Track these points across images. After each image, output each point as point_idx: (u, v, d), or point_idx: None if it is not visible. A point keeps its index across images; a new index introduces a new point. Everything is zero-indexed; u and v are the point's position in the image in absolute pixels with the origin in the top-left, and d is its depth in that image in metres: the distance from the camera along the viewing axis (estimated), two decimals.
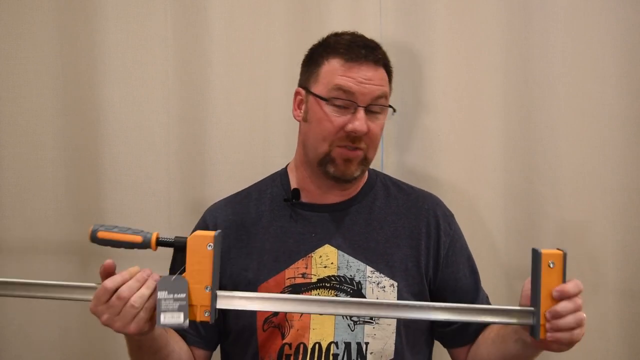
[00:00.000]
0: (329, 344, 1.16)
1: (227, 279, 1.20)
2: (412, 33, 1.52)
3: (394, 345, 1.17)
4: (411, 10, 1.52)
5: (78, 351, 1.54)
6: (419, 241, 1.23)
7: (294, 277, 1.19)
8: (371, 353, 1.16)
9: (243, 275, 1.20)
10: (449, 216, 1.29)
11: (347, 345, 1.16)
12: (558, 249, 0.98)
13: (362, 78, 1.16)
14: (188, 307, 0.95)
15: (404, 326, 1.18)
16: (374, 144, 1.20)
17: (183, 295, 0.95)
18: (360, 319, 1.17)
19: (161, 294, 0.94)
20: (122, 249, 0.99)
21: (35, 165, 1.50)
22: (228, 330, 1.23)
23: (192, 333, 1.21)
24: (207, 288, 0.95)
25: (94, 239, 0.97)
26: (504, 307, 1.00)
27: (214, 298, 0.96)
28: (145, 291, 0.95)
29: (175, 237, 0.98)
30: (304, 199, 1.24)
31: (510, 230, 1.55)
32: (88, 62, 1.48)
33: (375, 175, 1.30)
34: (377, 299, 1.18)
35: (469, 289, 1.25)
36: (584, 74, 1.51)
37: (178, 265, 0.97)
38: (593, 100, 1.52)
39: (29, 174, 1.50)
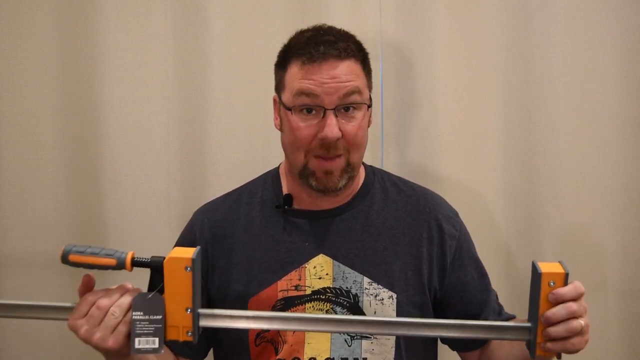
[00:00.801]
0: None
1: (215, 290, 1.16)
2: (412, 33, 1.52)
3: None
4: (411, 10, 1.52)
5: (78, 351, 1.54)
6: (419, 248, 1.16)
7: (287, 290, 1.12)
8: None
9: (232, 288, 1.14)
10: (452, 217, 1.21)
11: None
12: (559, 262, 0.92)
13: (324, 78, 1.05)
14: (164, 330, 0.91)
15: (403, 340, 1.13)
16: (355, 146, 1.09)
17: (159, 317, 0.91)
18: (358, 334, 1.11)
19: (136, 315, 0.91)
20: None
21: (35, 165, 1.50)
22: (220, 342, 1.20)
23: (178, 344, 1.14)
24: (187, 310, 0.91)
25: (66, 261, 0.93)
26: (500, 324, 0.98)
27: (195, 318, 0.92)
28: (124, 300, 0.92)
29: (152, 257, 0.93)
30: (296, 205, 1.17)
31: (510, 230, 1.55)
32: (88, 62, 1.48)
33: (373, 175, 1.23)
34: (375, 312, 1.12)
35: (478, 292, 1.19)
36: (584, 74, 1.51)
37: (155, 285, 0.93)
38: (593, 100, 1.52)
39: (29, 174, 1.50)
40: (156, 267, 0.92)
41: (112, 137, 1.50)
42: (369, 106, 1.13)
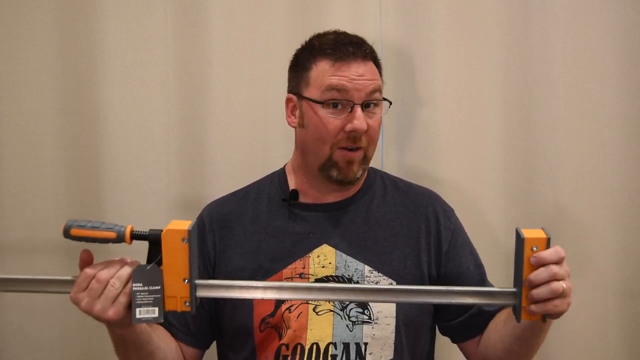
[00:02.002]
0: (327, 345, 1.15)
1: (222, 279, 1.19)
2: (412, 33, 1.52)
3: (393, 345, 1.16)
4: (411, 10, 1.52)
5: (78, 351, 1.54)
6: (418, 239, 1.22)
7: (292, 278, 1.18)
8: (370, 353, 1.16)
9: (239, 276, 1.19)
10: (448, 211, 1.28)
11: (346, 345, 1.16)
12: (542, 228, 0.95)
13: (353, 75, 1.14)
14: (163, 301, 0.94)
15: (403, 325, 1.17)
16: (373, 140, 1.19)
17: (158, 288, 0.94)
18: (359, 319, 1.16)
19: (136, 286, 0.94)
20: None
21: (35, 165, 1.50)
22: (224, 330, 1.23)
23: (180, 330, 1.21)
24: (185, 280, 0.94)
25: (67, 235, 0.96)
26: (487, 289, 1.01)
27: (193, 288, 0.95)
28: (123, 272, 0.95)
29: (150, 230, 0.96)
30: (302, 200, 1.24)
31: (510, 230, 1.54)
32: (88, 62, 1.48)
33: (374, 174, 1.30)
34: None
35: (474, 282, 1.23)
36: (584, 74, 1.51)
37: (154, 257, 0.96)
38: (593, 100, 1.52)
39: (29, 174, 1.50)
40: (154, 240, 0.95)
41: (112, 137, 1.50)
42: (390, 104, 1.22)
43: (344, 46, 1.16)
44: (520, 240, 0.94)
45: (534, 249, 0.93)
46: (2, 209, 1.50)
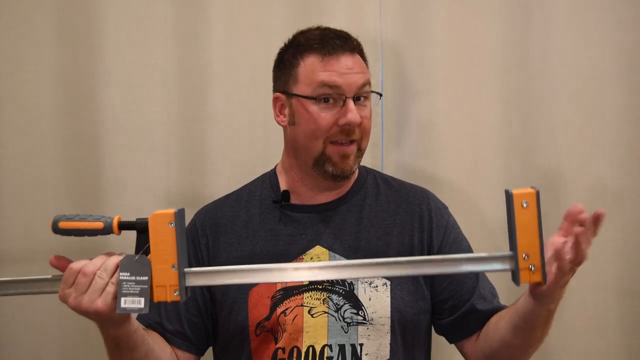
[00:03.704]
0: (323, 347, 1.15)
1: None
2: (412, 33, 1.52)
3: (389, 346, 1.16)
4: (411, 10, 1.52)
5: (78, 351, 1.54)
6: (411, 237, 1.21)
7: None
8: (366, 354, 1.15)
9: None
10: (441, 208, 1.27)
11: (342, 347, 1.15)
12: (532, 187, 0.94)
13: (343, 69, 1.14)
14: (151, 291, 0.92)
15: (399, 325, 1.17)
16: (366, 133, 1.19)
17: (145, 278, 0.92)
18: (354, 320, 1.15)
19: (123, 275, 0.93)
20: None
21: (35, 165, 1.50)
22: (219, 336, 1.22)
23: (176, 335, 1.19)
24: (173, 267, 0.93)
25: (56, 229, 0.96)
26: (483, 255, 0.96)
27: (181, 276, 0.93)
28: (110, 262, 0.94)
29: (137, 218, 0.95)
30: (293, 200, 1.23)
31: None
32: (88, 62, 1.48)
33: (366, 173, 1.29)
34: (370, 299, 1.16)
35: (467, 279, 1.22)
36: (584, 73, 1.51)
37: (142, 246, 0.95)
38: (593, 100, 1.52)
39: (29, 174, 1.50)
40: (142, 228, 0.94)
41: (112, 137, 1.50)
42: (381, 96, 1.23)
43: (331, 40, 1.16)
44: (509, 196, 0.92)
45: (524, 205, 0.92)
46: (2, 209, 1.50)
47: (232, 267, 0.98)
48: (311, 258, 1.19)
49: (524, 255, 0.92)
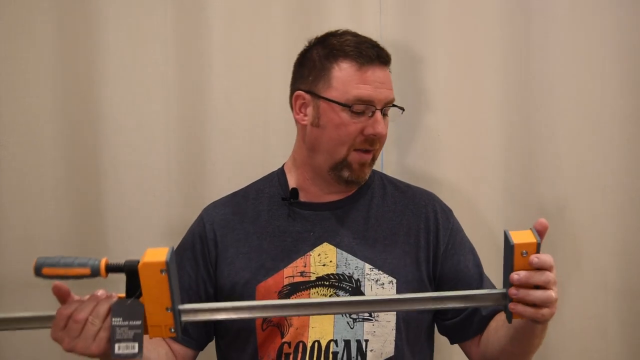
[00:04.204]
0: (329, 342, 1.16)
1: (224, 279, 1.20)
2: (412, 33, 1.53)
3: (394, 342, 1.17)
4: (411, 10, 1.52)
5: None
6: (417, 238, 1.23)
7: (293, 276, 1.19)
8: (371, 350, 1.16)
9: (241, 275, 1.20)
10: (446, 211, 1.29)
11: (347, 343, 1.16)
12: (530, 229, 0.95)
13: (377, 83, 1.17)
14: (144, 333, 0.91)
15: (403, 322, 1.18)
16: (382, 143, 1.22)
17: (138, 323, 0.90)
18: (360, 316, 1.17)
19: (116, 320, 0.91)
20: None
21: (35, 165, 1.50)
22: (225, 330, 1.23)
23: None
24: (167, 309, 0.91)
25: (39, 274, 0.91)
26: (476, 292, 0.99)
27: (176, 315, 0.92)
28: (101, 309, 0.92)
29: (126, 261, 0.91)
30: (302, 198, 1.24)
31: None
32: (88, 62, 1.48)
33: (373, 174, 1.30)
34: (376, 295, 1.18)
35: (471, 281, 1.24)
36: (584, 73, 1.52)
37: (132, 288, 0.92)
38: (593, 100, 1.52)
39: (29, 174, 1.50)
40: (131, 272, 0.91)
41: (112, 137, 1.49)
42: (403, 110, 1.25)
43: (367, 49, 1.18)
44: (509, 246, 0.93)
45: (524, 253, 0.93)
46: (2, 209, 1.50)
47: (229, 304, 0.97)
48: (319, 255, 1.20)
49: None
